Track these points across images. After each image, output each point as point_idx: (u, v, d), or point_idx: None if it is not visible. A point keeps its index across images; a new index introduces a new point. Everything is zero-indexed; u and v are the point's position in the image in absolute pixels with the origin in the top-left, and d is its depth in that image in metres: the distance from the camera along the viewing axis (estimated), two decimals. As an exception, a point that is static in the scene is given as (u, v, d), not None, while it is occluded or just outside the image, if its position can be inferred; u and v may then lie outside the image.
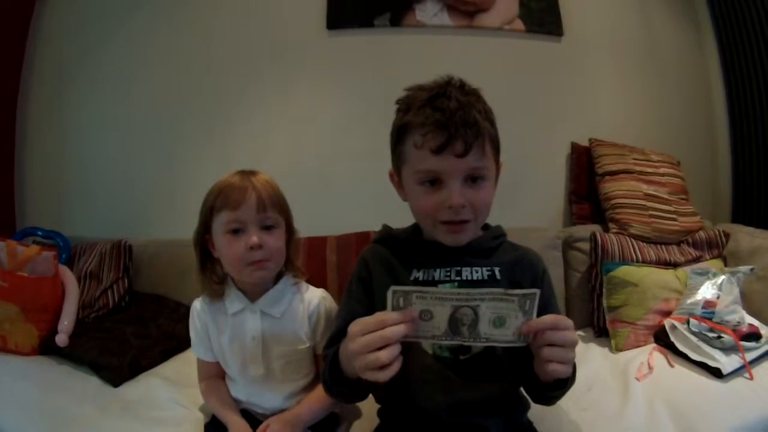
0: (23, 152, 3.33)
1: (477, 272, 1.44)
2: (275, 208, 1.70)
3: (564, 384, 1.33)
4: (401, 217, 1.56)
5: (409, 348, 1.41)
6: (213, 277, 1.79)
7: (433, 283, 1.44)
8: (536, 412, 1.65)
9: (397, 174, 1.52)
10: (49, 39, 3.30)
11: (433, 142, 1.32)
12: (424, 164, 1.36)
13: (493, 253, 1.53)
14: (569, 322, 1.19)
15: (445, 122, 1.31)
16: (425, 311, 1.16)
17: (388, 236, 1.61)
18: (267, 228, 1.68)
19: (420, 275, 1.47)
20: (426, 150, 1.34)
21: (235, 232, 1.64)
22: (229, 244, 1.65)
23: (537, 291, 1.15)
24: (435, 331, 1.17)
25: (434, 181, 1.37)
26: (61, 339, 2.42)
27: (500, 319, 1.16)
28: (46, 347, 2.46)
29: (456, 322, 1.16)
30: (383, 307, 1.19)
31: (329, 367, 1.37)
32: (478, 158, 1.35)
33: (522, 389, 1.56)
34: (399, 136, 1.44)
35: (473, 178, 1.37)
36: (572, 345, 1.18)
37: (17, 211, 3.31)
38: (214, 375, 1.90)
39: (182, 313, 2.05)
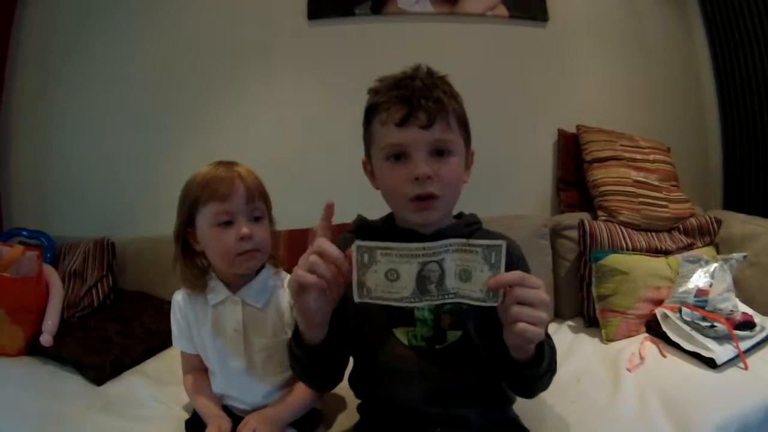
0: (7, 153, 3.33)
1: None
2: (261, 199, 1.70)
3: (540, 360, 1.28)
4: (383, 209, 1.54)
5: (383, 339, 1.46)
6: (194, 270, 1.77)
7: None
8: (523, 405, 1.63)
9: (368, 160, 1.53)
10: (32, 38, 3.30)
11: (397, 114, 1.35)
12: (389, 138, 1.38)
13: None
14: (539, 282, 1.15)
15: (408, 97, 1.35)
16: (391, 270, 1.14)
17: (361, 225, 1.60)
18: (255, 219, 1.68)
19: None
20: (390, 124, 1.36)
21: (224, 223, 1.63)
22: (218, 236, 1.63)
23: (502, 242, 1.12)
24: (403, 293, 1.15)
25: (399, 156, 1.38)
26: (46, 339, 2.43)
27: (465, 272, 1.14)
28: (32, 348, 2.46)
29: (424, 281, 1.14)
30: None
31: (293, 337, 1.36)
32: (443, 130, 1.37)
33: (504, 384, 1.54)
34: (367, 118, 1.48)
35: (440, 152, 1.38)
36: (543, 305, 1.14)
37: (3, 212, 3.30)
38: (197, 368, 1.87)
39: (166, 310, 2.04)
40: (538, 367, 1.28)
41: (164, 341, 2.45)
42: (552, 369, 1.38)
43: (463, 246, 1.13)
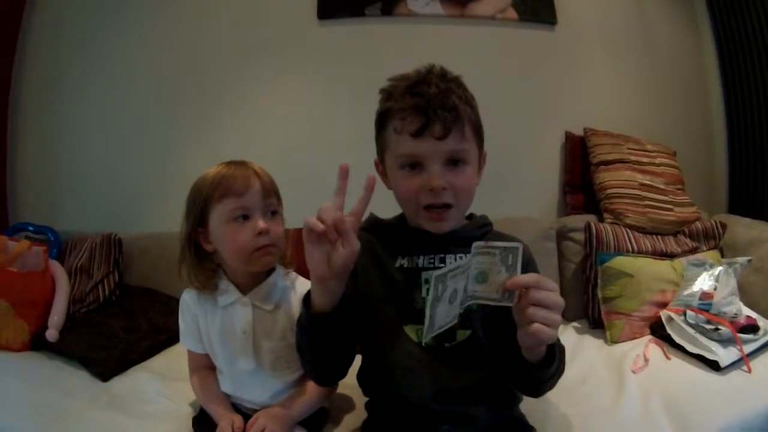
0: (15, 148, 3.33)
1: (461, 260, 1.41)
2: (275, 195, 1.70)
3: (550, 362, 1.29)
4: (393, 207, 1.56)
5: (394, 336, 1.48)
6: (204, 271, 1.75)
7: (417, 271, 1.45)
8: (528, 405, 1.64)
9: (381, 162, 1.54)
10: (40, 35, 3.31)
11: (412, 125, 1.36)
12: (404, 148, 1.39)
13: None
14: (554, 285, 1.17)
15: (423, 106, 1.35)
16: (453, 292, 1.16)
17: (374, 223, 1.62)
18: (271, 214, 1.68)
19: (404, 262, 1.51)
20: (405, 134, 1.37)
21: (240, 220, 1.62)
22: (234, 232, 1.62)
23: (519, 245, 1.14)
24: (454, 311, 1.18)
25: (414, 165, 1.40)
26: (51, 334, 2.43)
27: (482, 274, 1.16)
28: (37, 342, 2.46)
29: (464, 291, 1.17)
30: (368, 292, 1.28)
31: (303, 303, 1.36)
32: (457, 141, 1.38)
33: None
34: (381, 122, 1.48)
35: (454, 162, 1.40)
36: (557, 307, 1.16)
37: (9, 206, 3.31)
38: (204, 366, 1.87)
39: (172, 306, 2.05)
40: (548, 369, 1.29)
41: (170, 337, 2.47)
42: (560, 370, 1.39)
43: (483, 249, 1.15)
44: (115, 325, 2.55)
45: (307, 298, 1.34)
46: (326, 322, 1.31)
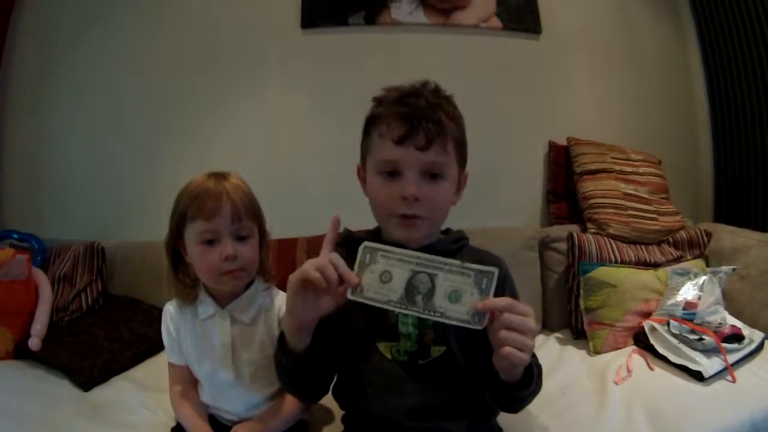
0: (0, 155, 3.31)
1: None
2: (249, 217, 1.66)
3: (528, 383, 1.29)
4: (371, 218, 1.53)
5: (367, 352, 1.47)
6: (186, 280, 1.74)
7: None
8: (507, 417, 1.62)
9: (363, 168, 1.53)
10: (26, 42, 3.30)
11: (396, 132, 1.36)
12: (385, 153, 1.39)
13: (452, 257, 1.49)
14: (528, 310, 1.17)
15: (410, 115, 1.35)
16: (385, 272, 1.19)
17: (348, 239, 1.58)
18: (241, 238, 1.65)
19: None
20: (388, 139, 1.37)
21: (209, 242, 1.60)
22: (203, 255, 1.61)
23: (495, 270, 1.16)
24: (391, 296, 1.19)
25: (393, 173, 1.39)
26: (34, 343, 2.42)
27: (456, 293, 1.16)
28: (21, 351, 2.45)
29: (412, 290, 1.18)
30: (341, 309, 1.23)
31: (278, 343, 1.36)
32: (438, 154, 1.37)
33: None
34: (367, 127, 1.48)
35: (432, 175, 1.39)
36: (530, 332, 1.16)
37: (-6, 214, 3.28)
38: (185, 380, 1.84)
39: (155, 316, 2.03)
40: (525, 389, 1.29)
41: (152, 347, 2.47)
42: (537, 389, 1.38)
43: (458, 268, 1.17)
44: (98, 335, 2.54)
45: (281, 338, 1.34)
46: (303, 359, 1.32)
